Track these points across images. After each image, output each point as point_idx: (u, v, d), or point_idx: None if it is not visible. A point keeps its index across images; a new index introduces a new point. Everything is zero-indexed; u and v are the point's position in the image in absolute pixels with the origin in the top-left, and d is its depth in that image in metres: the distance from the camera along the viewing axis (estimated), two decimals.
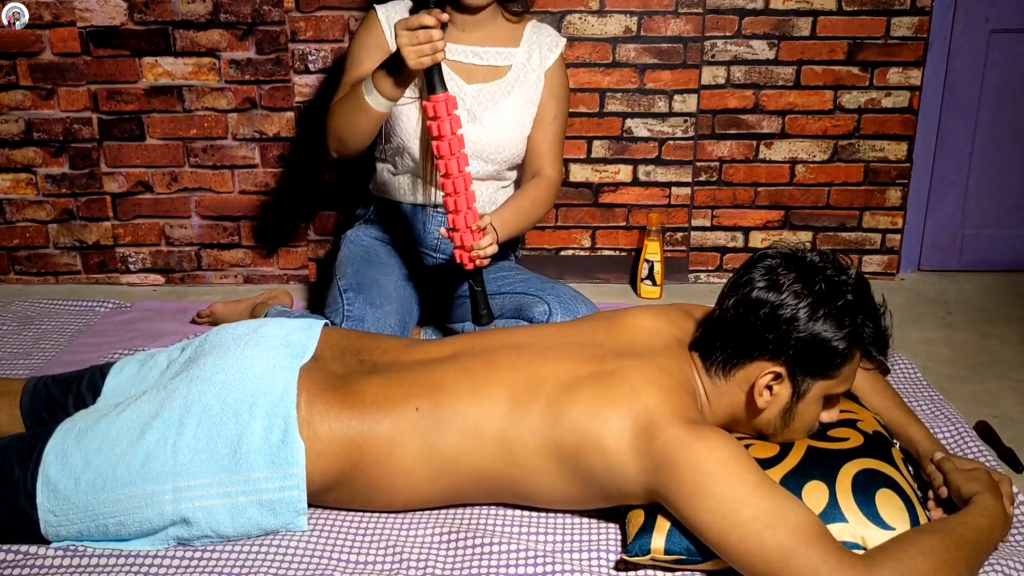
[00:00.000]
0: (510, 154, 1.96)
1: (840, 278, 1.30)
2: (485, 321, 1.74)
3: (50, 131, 2.51)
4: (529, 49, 1.96)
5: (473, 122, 1.91)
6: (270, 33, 2.45)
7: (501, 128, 1.93)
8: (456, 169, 1.67)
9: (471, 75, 1.93)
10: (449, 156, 1.67)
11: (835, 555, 1.13)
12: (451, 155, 1.67)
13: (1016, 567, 1.28)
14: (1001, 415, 1.88)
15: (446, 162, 1.67)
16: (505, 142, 1.94)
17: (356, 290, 1.87)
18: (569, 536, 1.38)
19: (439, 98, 1.65)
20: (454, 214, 1.69)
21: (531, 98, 1.96)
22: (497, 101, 1.93)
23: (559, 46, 2.00)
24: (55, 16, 2.43)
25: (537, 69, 1.96)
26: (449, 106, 1.65)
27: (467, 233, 1.69)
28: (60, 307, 2.37)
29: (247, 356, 1.37)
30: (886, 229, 2.67)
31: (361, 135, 1.80)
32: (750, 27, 2.49)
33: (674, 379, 1.33)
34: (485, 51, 1.94)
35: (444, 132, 1.66)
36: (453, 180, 1.68)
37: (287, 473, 1.30)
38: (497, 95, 1.93)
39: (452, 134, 1.66)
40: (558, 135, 2.00)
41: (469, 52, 1.93)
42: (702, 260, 2.69)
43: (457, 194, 1.68)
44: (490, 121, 1.92)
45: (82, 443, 1.30)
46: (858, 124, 2.58)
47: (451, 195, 1.69)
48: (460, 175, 1.68)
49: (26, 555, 1.30)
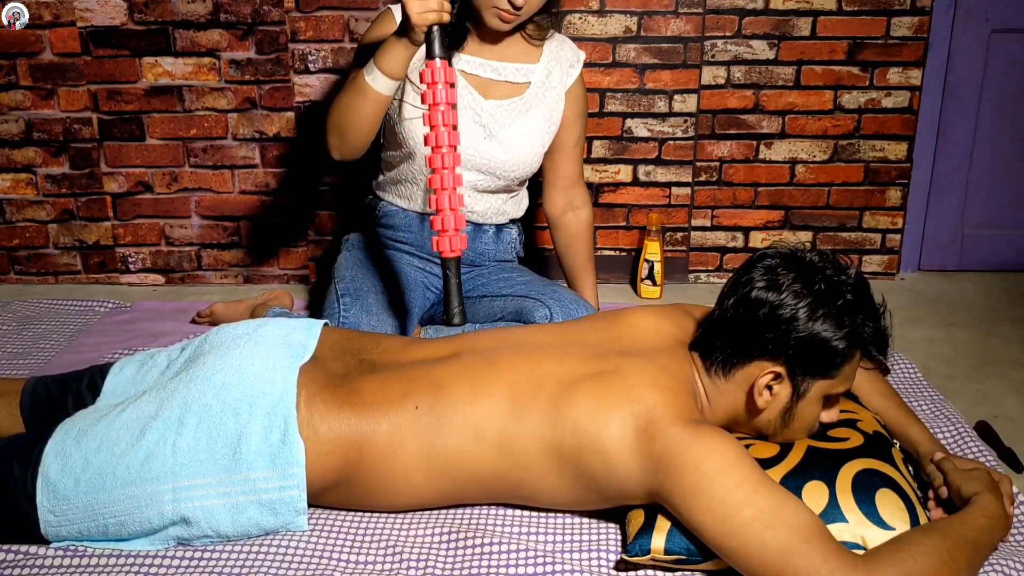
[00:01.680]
0: (523, 172, 1.95)
1: (840, 278, 1.30)
2: (457, 321, 1.61)
3: (50, 131, 2.51)
4: (549, 66, 1.93)
5: (489, 139, 1.89)
6: (270, 33, 2.45)
7: (517, 147, 1.90)
8: (446, 142, 1.57)
9: (488, 90, 1.90)
10: (439, 126, 1.56)
11: (835, 555, 1.13)
12: (442, 125, 1.56)
13: (1016, 567, 1.28)
14: (1001, 415, 1.88)
15: (436, 133, 1.57)
16: (520, 160, 1.92)
17: (353, 296, 1.87)
18: (569, 536, 1.38)
19: (435, 64, 1.56)
20: (438, 192, 1.58)
21: (549, 117, 1.94)
22: (514, 119, 1.90)
23: (579, 62, 1.96)
24: (55, 16, 2.43)
25: (557, 87, 1.93)
26: (446, 74, 1.57)
27: (450, 216, 1.58)
28: (60, 307, 2.37)
29: (247, 356, 1.37)
30: (886, 229, 2.67)
31: (362, 125, 1.72)
32: (750, 27, 2.49)
33: (675, 379, 1.33)
34: (504, 66, 1.89)
35: (438, 99, 1.56)
36: (441, 155, 1.57)
37: (287, 473, 1.30)
38: (515, 113, 1.90)
39: (446, 103, 1.57)
40: (581, 156, 2.02)
41: (487, 66, 1.89)
42: (702, 260, 2.70)
43: (445, 169, 1.58)
44: (506, 139, 1.89)
45: (82, 443, 1.30)
46: (858, 124, 2.58)
47: (437, 170, 1.58)
48: (449, 150, 1.57)
49: (26, 555, 1.30)
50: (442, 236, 1.59)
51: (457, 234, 1.59)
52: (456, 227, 1.59)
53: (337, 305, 1.85)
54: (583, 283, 2.10)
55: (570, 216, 2.06)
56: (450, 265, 1.61)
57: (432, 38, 1.58)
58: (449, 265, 1.61)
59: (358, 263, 1.99)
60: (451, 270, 1.60)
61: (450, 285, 1.60)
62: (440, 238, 1.59)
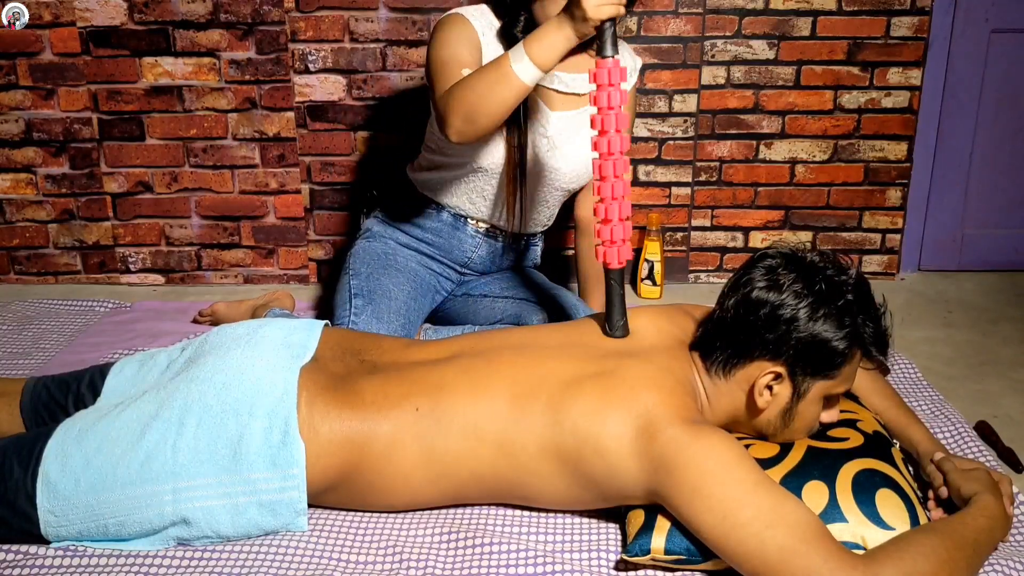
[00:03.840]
0: (580, 183, 1.94)
1: (840, 278, 1.30)
2: (619, 335, 1.46)
3: (50, 131, 2.51)
4: None
5: (552, 151, 1.86)
6: (270, 33, 2.45)
7: (578, 159, 1.88)
8: (618, 149, 1.45)
9: (553, 102, 1.86)
10: (611, 132, 1.45)
11: (835, 555, 1.13)
12: (614, 131, 1.45)
13: (1016, 567, 1.28)
14: (1001, 415, 1.88)
15: (608, 139, 1.45)
16: (580, 172, 1.90)
17: (366, 298, 1.85)
18: (569, 536, 1.38)
19: (608, 63, 1.44)
20: (606, 201, 1.47)
21: None
22: (578, 130, 1.86)
23: (636, 70, 1.93)
24: (55, 16, 2.43)
25: None
26: (621, 74, 1.45)
27: (619, 227, 1.48)
28: (60, 307, 2.37)
29: (247, 356, 1.36)
30: (886, 229, 2.67)
31: (497, 112, 1.59)
32: (750, 27, 2.49)
33: (674, 379, 1.33)
34: (571, 78, 1.84)
35: (613, 103, 1.44)
36: (613, 163, 1.46)
37: (287, 473, 1.30)
38: (577, 124, 1.87)
39: (618, 107, 1.44)
40: None
41: (553, 77, 1.83)
42: (702, 260, 2.70)
43: (616, 178, 1.47)
44: (570, 152, 1.87)
45: (82, 443, 1.29)
46: (858, 124, 2.58)
47: (606, 178, 1.47)
48: (620, 157, 1.46)
49: (26, 555, 1.30)
50: (610, 247, 1.49)
51: (624, 244, 1.50)
52: (624, 238, 1.50)
53: (349, 306, 1.84)
54: (593, 291, 2.08)
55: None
56: (615, 276, 1.50)
57: (605, 34, 1.46)
58: (615, 276, 1.50)
59: (375, 259, 1.95)
60: (616, 281, 1.50)
61: (614, 296, 1.48)
62: (608, 249, 1.50)
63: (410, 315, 1.89)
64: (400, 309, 1.87)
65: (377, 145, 2.54)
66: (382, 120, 2.52)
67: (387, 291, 1.88)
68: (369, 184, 2.54)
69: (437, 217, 1.97)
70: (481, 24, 1.78)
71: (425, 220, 1.98)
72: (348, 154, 2.55)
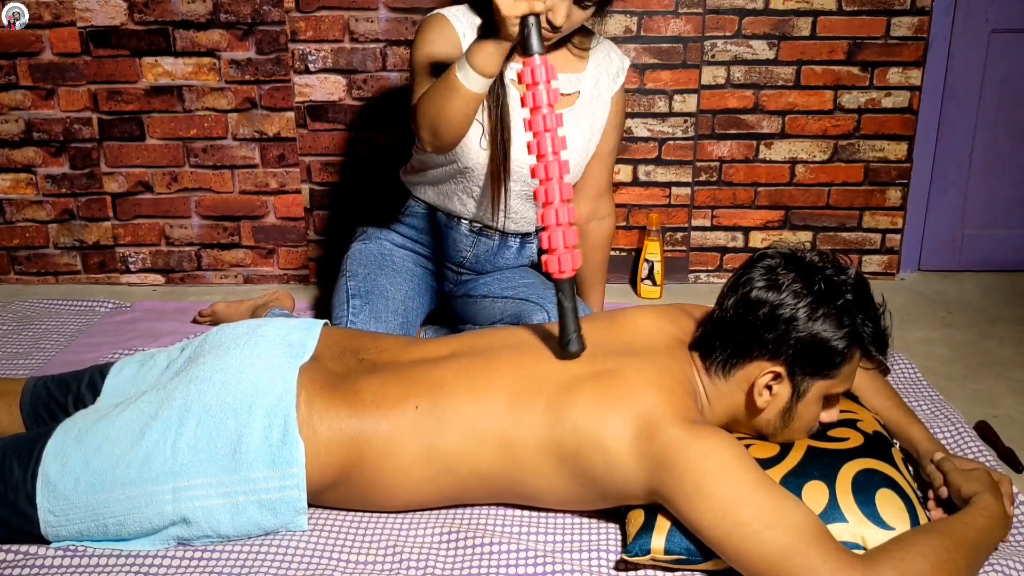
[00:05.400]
0: (571, 180, 1.92)
1: (840, 278, 1.30)
2: (574, 349, 1.37)
3: (50, 131, 2.51)
4: (596, 73, 1.90)
5: None
6: (270, 33, 2.45)
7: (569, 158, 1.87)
8: (550, 150, 1.40)
9: None
10: (543, 132, 1.40)
11: (835, 555, 1.13)
12: (545, 131, 1.40)
13: (1016, 567, 1.28)
14: (1001, 415, 1.88)
15: (539, 140, 1.40)
16: (571, 170, 1.89)
17: (363, 299, 1.85)
18: (569, 536, 1.38)
19: (534, 61, 1.40)
20: (546, 206, 1.41)
21: (598, 126, 1.92)
22: (567, 129, 1.84)
23: (624, 70, 1.94)
24: (55, 16, 2.43)
25: (604, 94, 1.91)
26: (548, 72, 1.40)
27: (558, 231, 1.40)
28: (60, 307, 2.37)
29: (247, 356, 1.37)
30: (886, 229, 2.67)
31: (456, 122, 1.61)
32: (750, 27, 2.49)
33: (674, 379, 1.33)
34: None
35: (539, 102, 1.39)
36: (547, 164, 1.40)
37: (287, 472, 1.30)
38: (567, 123, 1.85)
39: (549, 106, 1.39)
40: (614, 165, 2.01)
41: None
42: (702, 260, 2.69)
43: (550, 181, 1.40)
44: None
45: (82, 443, 1.30)
46: (858, 124, 2.58)
47: (543, 182, 1.40)
48: (555, 159, 1.40)
49: (26, 555, 1.30)
50: (551, 255, 1.40)
51: (569, 252, 1.41)
52: (567, 244, 1.40)
53: (346, 307, 1.84)
54: (592, 292, 2.09)
55: (594, 225, 2.04)
56: (563, 287, 1.40)
57: (528, 31, 1.42)
58: (562, 287, 1.40)
59: (371, 260, 1.95)
60: (564, 292, 1.40)
61: (563, 310, 1.39)
62: (549, 257, 1.41)
63: (408, 314, 1.89)
64: (398, 308, 1.87)
65: (377, 145, 2.54)
66: (382, 120, 2.52)
67: (384, 291, 1.89)
68: (369, 184, 2.54)
69: (430, 218, 1.98)
70: (463, 24, 1.78)
71: (419, 221, 1.99)
72: (348, 154, 2.55)
